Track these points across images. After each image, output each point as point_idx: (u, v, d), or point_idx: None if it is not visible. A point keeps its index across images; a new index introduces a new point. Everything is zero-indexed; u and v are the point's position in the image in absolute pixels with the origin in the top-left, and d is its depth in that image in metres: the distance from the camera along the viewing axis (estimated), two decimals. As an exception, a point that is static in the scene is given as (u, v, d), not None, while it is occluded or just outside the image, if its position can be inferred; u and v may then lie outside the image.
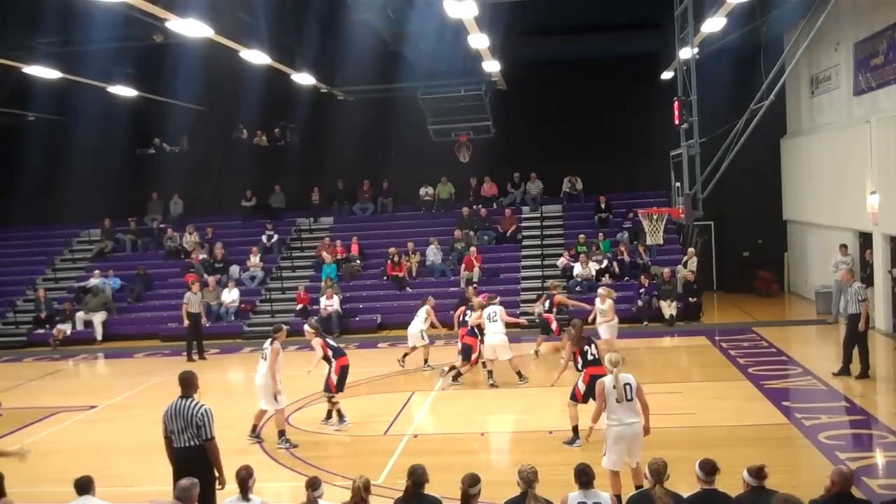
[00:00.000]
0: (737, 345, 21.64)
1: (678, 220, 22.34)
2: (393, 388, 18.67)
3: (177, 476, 9.47)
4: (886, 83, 21.41)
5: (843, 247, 23.60)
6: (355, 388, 19.38)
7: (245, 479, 8.73)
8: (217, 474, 9.83)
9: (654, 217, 22.30)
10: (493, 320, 18.25)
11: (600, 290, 20.29)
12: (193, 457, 9.77)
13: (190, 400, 10.04)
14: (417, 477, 8.37)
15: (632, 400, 10.74)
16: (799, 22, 23.54)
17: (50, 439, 16.07)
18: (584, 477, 8.40)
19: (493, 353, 18.25)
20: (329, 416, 15.69)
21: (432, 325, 20.64)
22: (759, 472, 8.11)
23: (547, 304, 21.39)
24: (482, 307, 18.62)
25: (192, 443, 9.86)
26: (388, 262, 28.30)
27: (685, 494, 8.28)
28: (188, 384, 10.18)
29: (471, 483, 8.22)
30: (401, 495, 8.45)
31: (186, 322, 23.66)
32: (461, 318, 19.05)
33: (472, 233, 29.64)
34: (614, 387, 10.71)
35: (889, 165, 20.95)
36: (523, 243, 29.87)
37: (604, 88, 29.76)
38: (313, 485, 8.67)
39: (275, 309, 27.87)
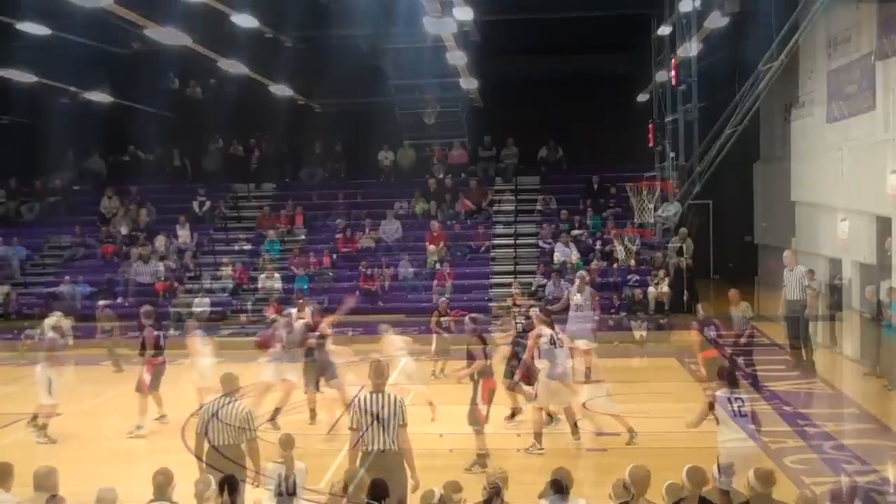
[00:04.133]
0: (706, 367, 21.65)
1: (650, 241, 22.53)
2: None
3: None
4: (859, 112, 21.62)
5: (811, 272, 23.74)
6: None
7: (162, 484, 8.44)
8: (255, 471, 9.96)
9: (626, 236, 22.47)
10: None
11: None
12: (227, 455, 9.92)
13: (230, 399, 10.24)
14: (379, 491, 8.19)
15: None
16: (774, 49, 23.78)
17: (13, 446, 15.83)
18: (558, 486, 8.23)
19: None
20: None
21: None
22: (766, 478, 8.00)
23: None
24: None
25: (229, 441, 10.02)
26: (361, 275, 28.23)
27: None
28: (229, 384, 10.43)
29: (454, 490, 8.21)
30: None
31: None
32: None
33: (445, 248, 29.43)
34: None
35: (859, 193, 21.16)
36: (495, 259, 29.79)
37: (579, 108, 29.93)
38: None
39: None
